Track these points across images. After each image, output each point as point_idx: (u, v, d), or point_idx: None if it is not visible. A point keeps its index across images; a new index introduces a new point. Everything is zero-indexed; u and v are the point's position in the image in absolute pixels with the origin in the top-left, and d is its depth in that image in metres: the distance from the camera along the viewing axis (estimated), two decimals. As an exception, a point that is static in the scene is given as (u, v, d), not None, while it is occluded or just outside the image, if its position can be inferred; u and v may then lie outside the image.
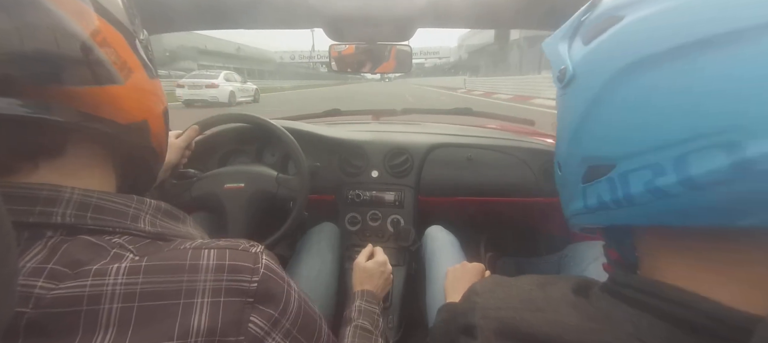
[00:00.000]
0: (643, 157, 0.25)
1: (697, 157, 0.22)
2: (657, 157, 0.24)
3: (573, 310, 0.28)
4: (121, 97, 0.30)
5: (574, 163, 0.32)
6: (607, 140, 0.28)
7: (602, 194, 0.29)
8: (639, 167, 0.26)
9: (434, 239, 0.90)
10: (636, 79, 0.26)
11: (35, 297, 0.23)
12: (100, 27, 0.29)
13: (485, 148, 1.14)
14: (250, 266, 0.30)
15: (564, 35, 0.35)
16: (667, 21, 0.25)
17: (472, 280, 0.66)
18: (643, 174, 0.25)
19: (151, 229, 0.31)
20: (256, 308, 0.29)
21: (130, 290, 0.25)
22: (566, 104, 0.33)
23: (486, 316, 0.31)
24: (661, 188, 0.24)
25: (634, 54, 0.26)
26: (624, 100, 0.26)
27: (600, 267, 0.76)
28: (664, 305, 0.25)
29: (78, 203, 0.28)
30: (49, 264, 0.25)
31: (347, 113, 1.55)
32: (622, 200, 0.27)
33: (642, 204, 0.26)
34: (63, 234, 0.27)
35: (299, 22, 0.85)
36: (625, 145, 0.27)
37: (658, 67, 0.24)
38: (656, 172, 0.25)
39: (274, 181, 0.86)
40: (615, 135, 0.28)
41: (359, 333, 0.57)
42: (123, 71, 0.30)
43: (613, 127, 0.28)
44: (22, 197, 0.26)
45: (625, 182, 0.27)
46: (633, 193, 0.26)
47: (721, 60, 0.22)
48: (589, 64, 0.30)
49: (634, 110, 0.26)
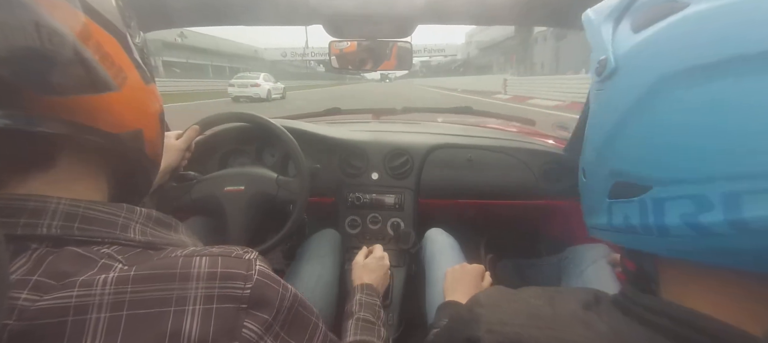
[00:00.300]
0: (688, 186, 0.21)
1: (756, 198, 0.19)
2: (704, 189, 0.21)
3: (584, 329, 0.27)
4: (116, 105, 0.29)
5: (601, 173, 0.29)
6: (646, 156, 0.24)
7: (630, 216, 0.25)
8: (680, 196, 0.22)
9: (434, 241, 0.90)
10: (696, 88, 0.21)
11: (19, 309, 0.23)
12: (92, 31, 0.27)
13: (486, 148, 1.13)
14: (243, 273, 0.29)
15: (611, 13, 0.29)
16: (745, 17, 0.19)
17: (472, 281, 0.66)
18: (684, 205, 0.21)
19: (142, 238, 0.30)
20: (250, 314, 0.28)
21: (118, 300, 0.24)
22: (602, 103, 0.29)
23: (491, 330, 0.30)
24: (705, 225, 0.21)
25: (696, 57, 0.21)
26: (675, 111, 0.22)
27: (599, 269, 0.77)
28: (677, 327, 0.24)
29: (65, 214, 0.27)
30: (33, 276, 0.24)
31: (347, 112, 1.55)
32: (652, 228, 0.24)
33: (677, 237, 0.23)
34: (49, 246, 0.26)
35: (299, 19, 0.84)
36: (665, 167, 0.23)
37: (726, 77, 0.19)
38: (700, 206, 0.21)
39: (274, 183, 0.85)
40: (656, 152, 0.23)
41: (362, 325, 0.57)
42: (117, 77, 0.29)
43: (655, 142, 0.23)
44: (7, 209, 0.26)
45: (660, 210, 0.23)
46: (668, 224, 0.23)
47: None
48: (636, 59, 0.25)
49: (681, 128, 0.21)
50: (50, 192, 0.28)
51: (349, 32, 0.89)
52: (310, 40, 53.42)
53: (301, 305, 0.34)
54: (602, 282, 0.72)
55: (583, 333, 0.26)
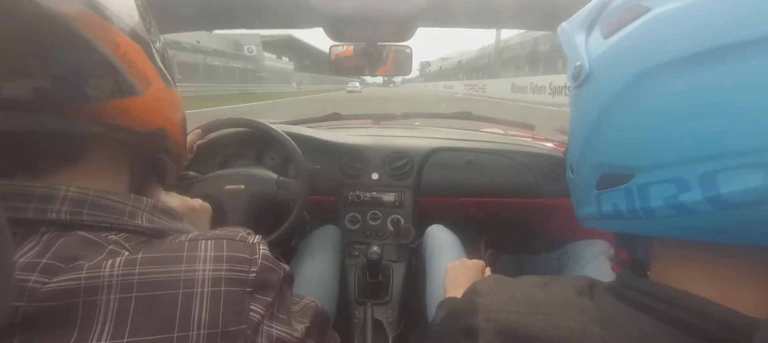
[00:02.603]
0: (667, 171, 0.24)
1: (729, 175, 0.21)
2: (681, 171, 0.23)
3: (577, 313, 0.27)
4: (140, 107, 0.31)
5: (587, 168, 0.31)
6: (626, 148, 0.26)
7: (618, 203, 0.28)
8: (661, 180, 0.24)
9: (435, 237, 0.90)
10: (663, 83, 0.23)
11: (29, 291, 0.23)
12: (120, 42, 0.29)
13: (485, 151, 1.14)
14: (248, 257, 0.30)
15: (582, 23, 0.32)
16: (703, 16, 0.21)
17: (472, 276, 0.66)
18: (666, 188, 0.24)
19: (149, 225, 0.31)
20: (255, 297, 0.29)
21: (127, 281, 0.25)
22: (580, 106, 0.31)
23: (488, 318, 0.30)
24: (685, 204, 0.23)
25: (662, 54, 0.23)
26: (647, 106, 0.24)
27: (599, 266, 0.77)
28: (671, 309, 0.24)
29: (74, 200, 0.28)
30: (42, 259, 0.24)
31: (347, 117, 1.56)
32: (639, 211, 0.26)
33: (662, 218, 0.25)
34: (58, 230, 0.27)
35: (299, 21, 0.85)
36: (646, 155, 0.25)
37: (689, 71, 0.22)
38: (680, 187, 0.23)
39: (275, 183, 0.86)
40: (635, 143, 0.26)
41: None
42: (142, 82, 0.31)
43: (633, 135, 0.26)
44: (17, 194, 0.26)
45: (645, 195, 0.25)
46: (653, 206, 0.25)
47: (757, 69, 0.19)
48: (608, 62, 0.28)
49: (658, 119, 0.24)
50: (76, 181, 0.29)
51: (349, 35, 0.90)
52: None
53: (286, 281, 0.35)
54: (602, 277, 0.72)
55: (576, 317, 0.27)
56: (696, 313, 0.23)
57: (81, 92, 0.27)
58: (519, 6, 0.73)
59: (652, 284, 0.27)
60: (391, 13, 0.77)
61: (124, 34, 0.30)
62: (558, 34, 0.35)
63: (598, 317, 0.27)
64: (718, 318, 0.22)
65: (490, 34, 48.88)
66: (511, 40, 26.98)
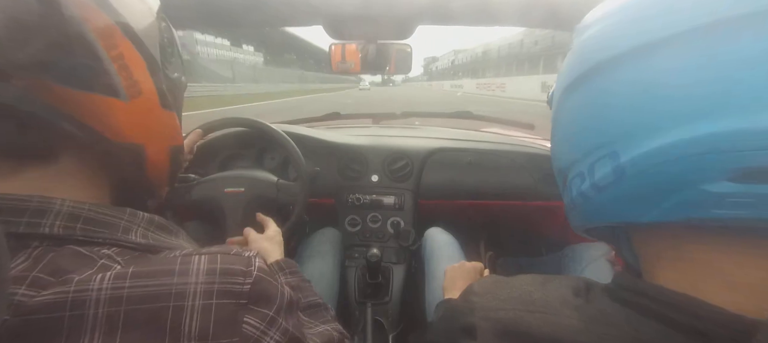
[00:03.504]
0: (577, 166, 0.30)
1: (598, 164, 0.27)
2: (582, 166, 0.29)
3: (573, 312, 0.28)
4: (118, 113, 0.30)
5: (556, 172, 0.37)
6: (561, 151, 0.33)
7: (565, 198, 0.34)
8: (575, 175, 0.30)
9: (434, 239, 0.90)
10: (572, 96, 0.29)
11: (15, 304, 0.22)
12: (120, 43, 0.30)
13: (485, 152, 1.14)
14: (242, 269, 0.29)
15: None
16: (590, 45, 0.29)
17: (471, 279, 0.66)
18: (576, 181, 0.30)
19: (143, 241, 0.31)
20: (250, 309, 0.28)
21: (116, 294, 0.24)
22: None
23: (486, 317, 0.31)
24: (584, 192, 0.29)
25: (571, 74, 0.29)
26: (565, 115, 0.31)
27: (598, 268, 0.77)
28: (664, 309, 0.25)
29: (68, 215, 0.27)
30: (32, 273, 0.24)
31: (347, 117, 1.56)
32: (569, 204, 0.33)
33: (578, 206, 0.31)
34: (50, 244, 0.26)
35: (299, 20, 0.85)
36: (568, 155, 0.31)
37: (581, 86, 0.28)
38: (581, 178, 0.29)
39: (274, 186, 0.86)
40: (563, 146, 0.32)
41: (309, 311, 0.54)
42: (130, 89, 0.31)
43: (562, 140, 0.33)
44: (10, 208, 0.26)
45: (570, 188, 0.31)
46: (573, 197, 0.31)
47: (607, 80, 0.26)
48: (557, 82, 0.34)
49: (570, 124, 0.31)
50: (51, 188, 0.28)
51: (349, 33, 0.90)
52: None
53: (294, 305, 0.34)
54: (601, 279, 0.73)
55: (572, 316, 0.27)
56: (690, 313, 0.23)
57: (53, 69, 0.26)
58: (519, 4, 0.72)
59: (648, 285, 0.27)
60: (391, 12, 0.77)
61: (127, 40, 0.31)
62: None
63: (594, 316, 0.27)
64: (717, 320, 0.23)
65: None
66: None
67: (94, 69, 0.28)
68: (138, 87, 0.32)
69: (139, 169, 0.35)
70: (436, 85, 53.30)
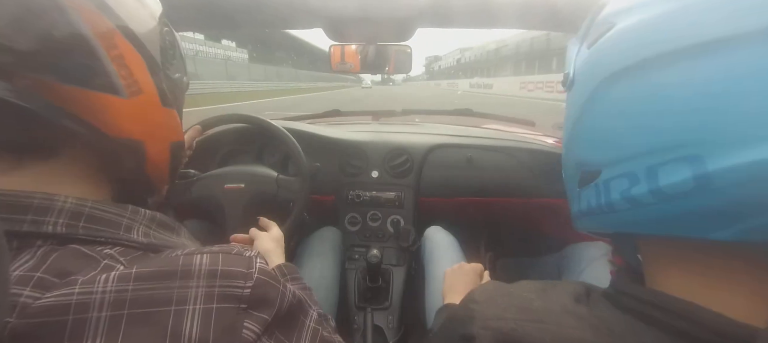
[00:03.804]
0: (622, 166, 0.26)
1: (666, 168, 0.23)
2: (632, 166, 0.25)
3: (574, 321, 0.27)
4: (116, 109, 0.31)
5: (570, 166, 0.34)
6: (595, 146, 0.29)
7: (591, 200, 0.30)
8: (618, 175, 0.26)
9: (433, 240, 0.90)
10: (618, 87, 0.26)
11: (21, 306, 0.23)
12: (119, 43, 0.31)
13: (485, 149, 1.14)
14: (243, 271, 0.29)
15: (579, 37, 0.35)
16: (643, 32, 0.25)
17: (470, 281, 0.66)
18: (621, 182, 0.26)
19: (144, 240, 0.31)
20: (250, 314, 0.28)
21: (119, 298, 0.24)
22: (567, 108, 0.34)
23: (485, 326, 0.30)
24: (635, 197, 0.25)
25: (618, 63, 0.26)
26: (608, 107, 0.27)
27: (599, 268, 0.77)
28: (667, 317, 0.24)
29: (71, 213, 0.28)
30: (37, 273, 0.24)
31: (347, 114, 1.56)
32: (604, 206, 0.28)
33: (620, 212, 0.27)
34: (54, 243, 0.26)
35: (299, 22, 0.85)
36: (608, 152, 0.27)
37: (635, 76, 0.25)
38: (632, 181, 0.25)
39: (275, 182, 0.86)
40: (600, 142, 0.28)
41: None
42: (130, 88, 0.32)
43: (599, 134, 0.29)
44: (12, 205, 0.26)
45: (607, 190, 0.27)
46: (612, 200, 0.27)
47: (684, 73, 0.22)
48: (584, 69, 0.31)
49: (615, 118, 0.27)
50: (52, 183, 0.28)
51: (349, 35, 0.90)
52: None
53: (299, 302, 0.34)
54: (601, 280, 0.73)
55: (573, 324, 0.27)
56: (693, 321, 0.23)
57: (48, 66, 0.27)
58: (518, 6, 0.72)
59: (647, 291, 0.27)
60: (390, 14, 0.76)
61: (128, 43, 0.32)
62: (567, 47, 0.38)
63: (595, 325, 0.27)
64: (716, 327, 0.22)
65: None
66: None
67: (95, 68, 0.29)
68: (138, 85, 0.32)
69: (140, 166, 0.35)
70: (445, 84, 48.76)
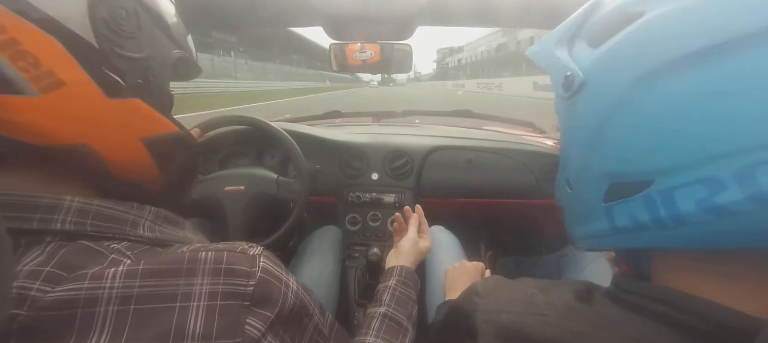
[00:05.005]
0: (693, 171, 0.22)
1: (765, 169, 0.19)
2: (712, 169, 0.21)
3: (576, 316, 0.27)
4: (34, 112, 0.26)
5: (590, 179, 0.29)
6: (637, 153, 0.25)
7: (637, 215, 0.25)
8: (688, 183, 0.22)
9: (435, 239, 0.90)
10: (664, 83, 0.22)
11: (31, 299, 0.23)
12: (8, 26, 0.24)
13: (485, 150, 1.14)
14: (246, 270, 0.29)
15: (560, 39, 0.33)
16: (702, 14, 0.21)
17: (472, 279, 0.66)
18: (696, 190, 0.22)
19: (151, 235, 0.31)
20: (253, 311, 0.29)
21: (126, 293, 0.25)
22: (576, 114, 0.30)
23: (488, 319, 0.31)
24: (724, 206, 0.21)
25: (665, 53, 0.23)
26: (656, 107, 0.23)
27: (599, 267, 0.77)
28: (671, 311, 0.24)
29: (78, 211, 0.28)
30: (46, 267, 0.25)
31: (347, 115, 1.56)
32: (667, 221, 0.23)
33: (697, 224, 0.22)
34: (62, 240, 0.27)
35: (299, 21, 0.85)
36: (662, 157, 0.23)
37: (699, 66, 0.21)
38: (713, 187, 0.21)
39: (274, 183, 0.86)
40: (647, 146, 0.24)
41: (387, 325, 0.49)
42: (40, 81, 0.26)
43: (642, 138, 0.24)
44: (21, 205, 0.26)
45: (671, 201, 0.23)
46: (683, 212, 0.22)
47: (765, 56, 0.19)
48: (604, 69, 0.27)
49: (671, 117, 0.22)
50: (28, 188, 0.28)
51: (349, 34, 0.90)
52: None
53: (302, 305, 0.35)
54: (602, 279, 0.73)
55: (575, 320, 0.27)
56: (696, 314, 0.23)
57: None
58: (518, 5, 0.72)
59: (650, 286, 0.27)
60: (391, 13, 0.77)
61: (28, 23, 0.25)
62: (528, 54, 0.35)
63: (598, 320, 0.26)
64: (720, 319, 0.22)
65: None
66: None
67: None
68: (54, 77, 0.26)
69: (102, 171, 0.30)
70: (451, 85, 41.07)
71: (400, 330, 0.50)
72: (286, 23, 0.89)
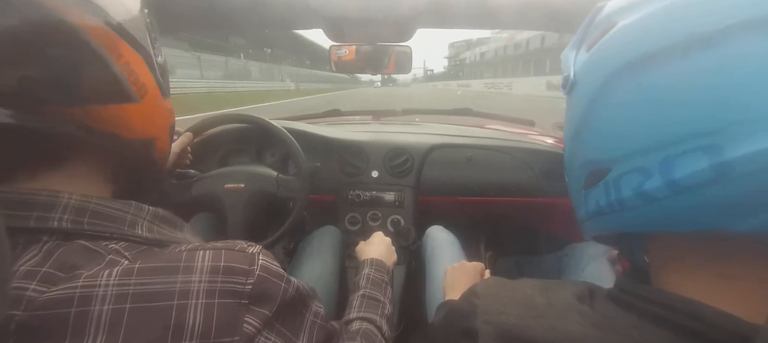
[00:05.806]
0: (633, 161, 0.25)
1: (681, 160, 0.22)
2: (644, 160, 0.25)
3: (576, 317, 0.27)
4: (135, 115, 0.32)
5: (575, 168, 0.33)
6: (602, 144, 0.29)
7: (599, 199, 0.29)
8: (629, 171, 0.26)
9: (434, 238, 0.90)
10: (624, 83, 0.26)
11: (27, 300, 0.23)
12: (123, 51, 0.31)
13: (485, 148, 1.14)
14: (245, 268, 0.29)
15: (573, 44, 0.35)
16: (649, 25, 0.25)
17: (471, 279, 0.66)
18: (633, 178, 0.25)
19: (149, 235, 0.31)
20: (251, 309, 0.29)
21: (122, 292, 0.25)
22: (569, 110, 0.34)
23: (487, 320, 0.31)
24: (649, 191, 0.24)
25: (623, 58, 0.26)
26: (615, 103, 0.27)
27: (599, 266, 0.77)
28: (670, 314, 0.24)
29: (75, 208, 0.28)
30: (43, 268, 0.25)
31: (347, 113, 1.56)
32: (615, 204, 0.27)
33: (633, 208, 0.26)
34: (59, 239, 0.27)
35: (299, 23, 0.85)
36: (617, 149, 0.27)
37: (642, 71, 0.25)
38: (644, 175, 0.25)
39: (274, 181, 0.86)
40: (608, 139, 0.28)
41: (366, 302, 0.56)
42: (140, 91, 0.32)
43: (606, 131, 0.28)
44: (19, 202, 0.26)
45: (618, 187, 0.27)
46: (624, 197, 0.26)
47: (696, 64, 0.22)
48: (587, 69, 0.31)
49: (624, 114, 0.26)
50: (56, 185, 0.29)
51: (349, 36, 0.90)
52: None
53: (301, 300, 0.35)
54: (602, 279, 0.73)
55: (576, 322, 0.27)
56: (695, 318, 0.23)
57: (75, 94, 0.27)
58: (519, 7, 0.72)
59: (651, 289, 0.27)
60: (391, 15, 0.77)
61: (128, 45, 0.32)
62: (561, 59, 0.38)
63: (599, 322, 0.27)
64: (717, 323, 0.22)
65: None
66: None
67: (110, 83, 0.29)
68: (145, 87, 0.33)
69: (150, 160, 0.37)
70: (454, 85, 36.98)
71: (378, 305, 0.57)
72: (286, 25, 0.89)
